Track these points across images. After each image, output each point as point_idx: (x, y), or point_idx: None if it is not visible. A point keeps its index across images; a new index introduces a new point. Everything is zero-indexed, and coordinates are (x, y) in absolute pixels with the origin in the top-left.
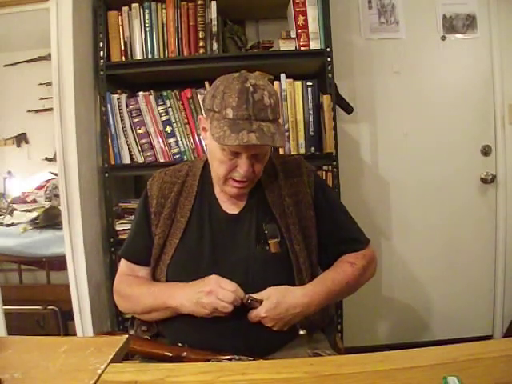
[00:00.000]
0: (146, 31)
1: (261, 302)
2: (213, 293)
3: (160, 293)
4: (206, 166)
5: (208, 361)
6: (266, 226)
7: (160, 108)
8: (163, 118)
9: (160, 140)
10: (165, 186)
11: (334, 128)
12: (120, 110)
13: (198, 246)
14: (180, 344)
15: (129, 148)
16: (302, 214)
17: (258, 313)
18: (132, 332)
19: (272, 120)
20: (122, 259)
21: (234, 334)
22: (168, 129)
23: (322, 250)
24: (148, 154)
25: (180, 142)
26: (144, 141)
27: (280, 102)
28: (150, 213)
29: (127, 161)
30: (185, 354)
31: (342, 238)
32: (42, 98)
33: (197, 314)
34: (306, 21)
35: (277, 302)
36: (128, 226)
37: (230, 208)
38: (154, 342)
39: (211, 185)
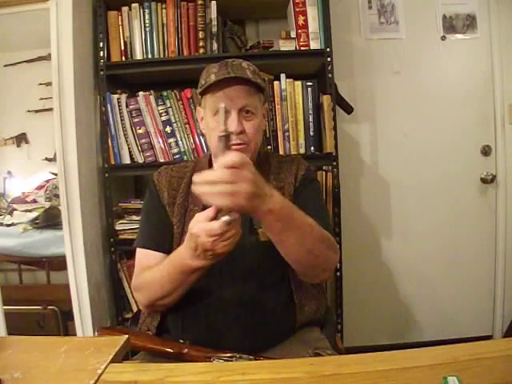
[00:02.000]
0: (145, 31)
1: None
2: (197, 234)
3: (171, 262)
4: (210, 163)
5: (209, 358)
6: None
7: (160, 108)
8: (163, 118)
9: (160, 140)
10: (173, 180)
11: (334, 128)
12: (120, 110)
13: None
14: (181, 341)
15: (129, 148)
16: None
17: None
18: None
19: (252, 80)
20: (138, 252)
21: (235, 328)
22: (168, 129)
23: None
24: (148, 154)
25: (180, 142)
26: (144, 141)
27: (280, 102)
28: (163, 205)
29: (127, 161)
30: (186, 350)
31: None
32: (42, 98)
33: (207, 260)
34: (306, 21)
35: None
36: (128, 226)
37: None
38: (156, 338)
39: None
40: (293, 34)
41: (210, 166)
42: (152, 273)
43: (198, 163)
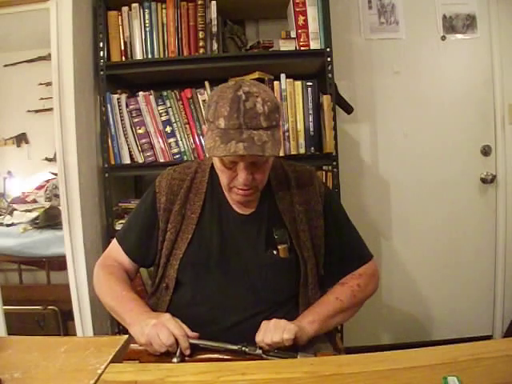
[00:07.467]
0: (145, 31)
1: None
2: (157, 327)
3: (124, 303)
4: (211, 170)
5: (210, 359)
6: (276, 231)
7: (160, 108)
8: (163, 118)
9: (160, 140)
10: (174, 183)
11: (334, 128)
12: (120, 110)
13: (209, 243)
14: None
15: (129, 148)
16: (312, 223)
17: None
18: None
19: (266, 127)
20: (114, 242)
21: (237, 340)
22: (168, 129)
23: (326, 262)
24: (148, 154)
25: (180, 142)
26: (144, 141)
27: (281, 105)
28: (157, 208)
29: (127, 161)
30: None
31: (344, 253)
32: (42, 98)
33: (136, 340)
34: (305, 21)
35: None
36: None
37: (240, 209)
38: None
39: (220, 185)
40: (293, 34)
41: (211, 173)
42: (110, 289)
43: (201, 163)
